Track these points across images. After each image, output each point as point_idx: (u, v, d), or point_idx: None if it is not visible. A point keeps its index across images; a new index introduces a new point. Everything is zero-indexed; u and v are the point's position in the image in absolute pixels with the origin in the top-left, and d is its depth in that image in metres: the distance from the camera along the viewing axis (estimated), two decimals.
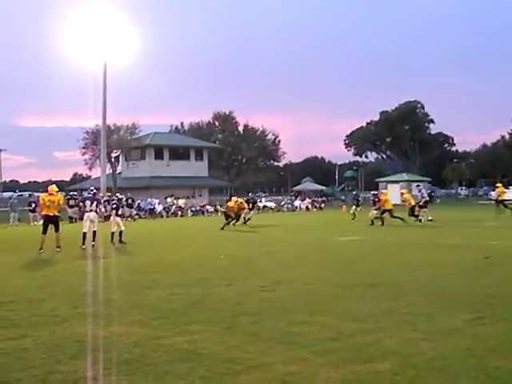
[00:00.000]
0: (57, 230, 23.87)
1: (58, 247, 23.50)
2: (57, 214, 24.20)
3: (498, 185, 45.35)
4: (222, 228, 36.04)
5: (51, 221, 23.84)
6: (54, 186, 24.83)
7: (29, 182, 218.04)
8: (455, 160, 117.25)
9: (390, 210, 36.76)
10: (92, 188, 28.01)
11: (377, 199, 39.46)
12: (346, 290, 13.33)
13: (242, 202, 39.58)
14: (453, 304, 11.41)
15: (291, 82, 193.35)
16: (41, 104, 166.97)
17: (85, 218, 25.64)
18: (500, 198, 43.50)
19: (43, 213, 24.46)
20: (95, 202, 25.86)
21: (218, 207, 60.36)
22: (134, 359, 8.05)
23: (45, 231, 23.63)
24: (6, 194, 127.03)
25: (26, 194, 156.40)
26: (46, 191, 24.67)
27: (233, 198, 41.71)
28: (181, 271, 17.16)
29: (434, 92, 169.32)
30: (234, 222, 38.35)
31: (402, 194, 42.11)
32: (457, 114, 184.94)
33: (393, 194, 44.55)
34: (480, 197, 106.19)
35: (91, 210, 25.53)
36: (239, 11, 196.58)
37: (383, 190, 42.47)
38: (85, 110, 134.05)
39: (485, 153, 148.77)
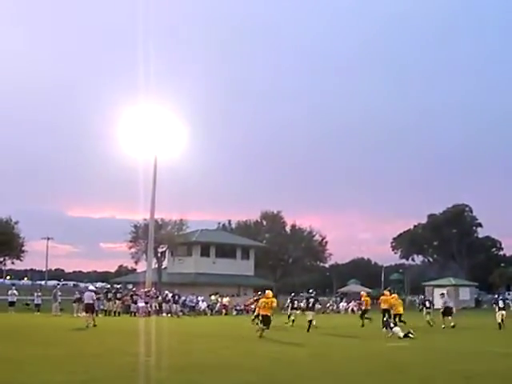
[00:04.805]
0: (265, 324, 29.68)
1: (260, 336, 28.91)
2: (268, 313, 30.37)
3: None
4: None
5: (266, 317, 30.09)
6: (269, 291, 32.25)
7: (73, 272, 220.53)
8: (502, 264, 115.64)
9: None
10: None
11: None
12: None
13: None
14: None
15: (339, 182, 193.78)
16: (90, 195, 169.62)
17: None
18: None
19: (260, 312, 31.65)
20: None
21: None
22: None
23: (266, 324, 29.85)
24: (51, 283, 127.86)
25: (71, 283, 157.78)
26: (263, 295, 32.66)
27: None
28: (224, 373, 16.74)
29: (483, 195, 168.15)
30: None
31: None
32: (505, 216, 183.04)
33: (439, 298, 43.12)
34: None
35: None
36: (291, 107, 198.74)
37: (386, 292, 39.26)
38: (131, 203, 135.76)
39: None
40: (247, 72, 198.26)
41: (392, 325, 30.92)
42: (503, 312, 38.05)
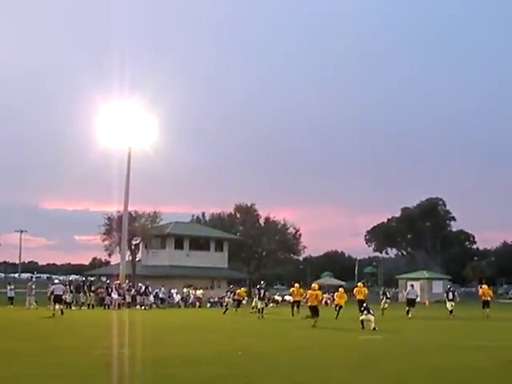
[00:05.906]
0: (314, 314, 32.47)
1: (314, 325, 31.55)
2: (315, 304, 33.12)
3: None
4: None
5: (314, 308, 32.72)
6: (315, 284, 35.01)
7: (47, 264, 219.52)
8: (475, 258, 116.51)
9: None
10: None
11: None
12: None
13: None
14: None
15: (313, 175, 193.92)
16: (64, 187, 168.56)
17: None
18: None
19: (309, 303, 33.58)
20: None
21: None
22: None
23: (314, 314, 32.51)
24: (24, 276, 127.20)
25: (45, 276, 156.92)
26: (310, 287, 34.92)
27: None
28: (196, 367, 16.72)
29: (456, 189, 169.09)
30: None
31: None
32: (478, 211, 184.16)
33: (412, 291, 44.73)
34: (500, 295, 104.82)
35: None
36: (265, 101, 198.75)
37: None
38: (106, 196, 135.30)
39: (505, 251, 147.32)
40: (224, 67, 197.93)
41: (371, 311, 31.20)
42: (452, 303, 43.00)
